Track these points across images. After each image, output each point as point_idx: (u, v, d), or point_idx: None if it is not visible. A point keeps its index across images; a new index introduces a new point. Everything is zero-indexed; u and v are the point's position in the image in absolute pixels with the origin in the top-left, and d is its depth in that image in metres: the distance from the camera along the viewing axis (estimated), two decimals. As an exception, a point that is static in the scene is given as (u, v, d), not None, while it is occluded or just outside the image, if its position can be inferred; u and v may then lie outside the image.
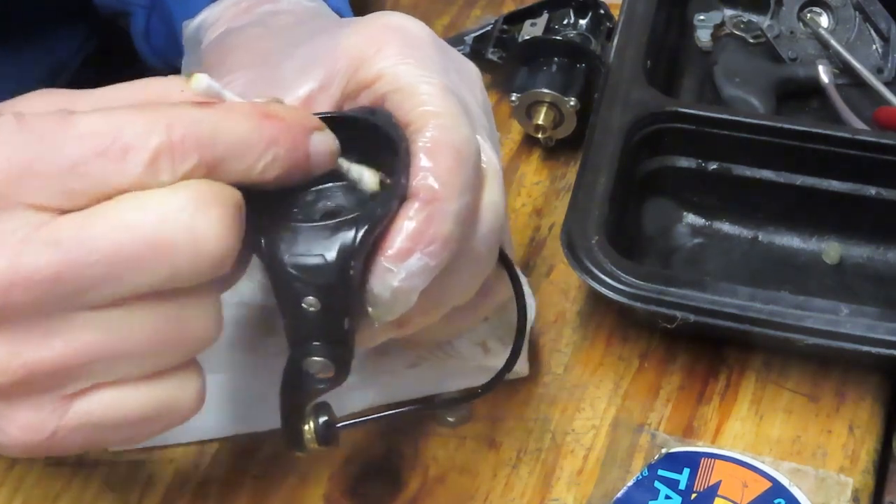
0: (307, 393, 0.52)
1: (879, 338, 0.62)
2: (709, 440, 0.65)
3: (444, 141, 0.50)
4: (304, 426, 0.53)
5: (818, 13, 0.83)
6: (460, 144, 0.50)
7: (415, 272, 0.49)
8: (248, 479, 0.64)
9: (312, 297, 0.48)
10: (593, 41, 0.79)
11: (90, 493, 0.63)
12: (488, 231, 0.53)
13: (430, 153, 0.49)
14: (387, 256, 0.49)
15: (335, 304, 0.49)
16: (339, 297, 0.48)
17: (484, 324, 0.64)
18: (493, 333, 0.64)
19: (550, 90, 0.76)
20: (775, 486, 0.61)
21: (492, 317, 0.64)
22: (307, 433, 0.53)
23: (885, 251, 0.73)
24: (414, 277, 0.49)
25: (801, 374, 0.67)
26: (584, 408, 0.66)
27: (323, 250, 0.48)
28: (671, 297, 0.64)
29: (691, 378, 0.68)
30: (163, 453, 0.64)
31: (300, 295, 0.48)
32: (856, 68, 0.81)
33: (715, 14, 0.84)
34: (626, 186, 0.71)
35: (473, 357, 0.63)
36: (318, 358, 0.50)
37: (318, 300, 0.48)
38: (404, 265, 0.49)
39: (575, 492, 0.63)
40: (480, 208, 0.52)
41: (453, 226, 0.49)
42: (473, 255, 0.52)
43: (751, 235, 0.74)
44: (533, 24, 0.80)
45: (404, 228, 0.49)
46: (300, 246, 0.48)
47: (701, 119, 0.72)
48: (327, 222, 0.48)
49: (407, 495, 0.63)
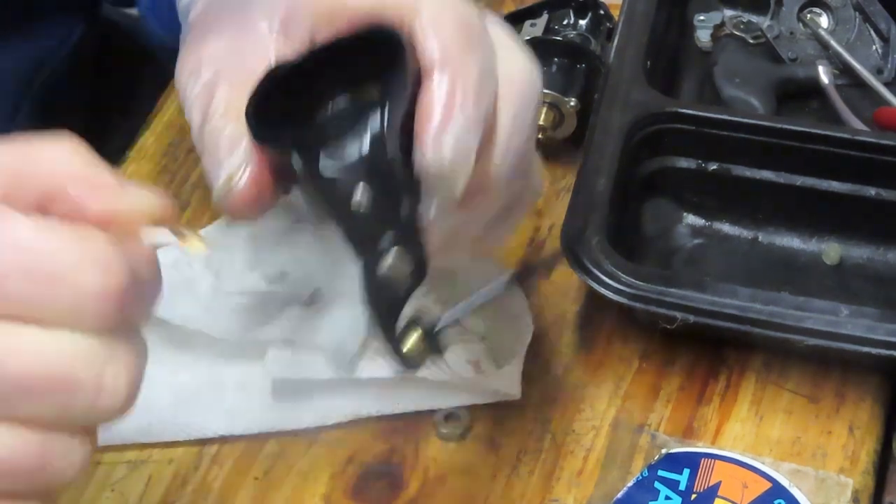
0: (395, 302, 0.51)
1: (879, 339, 0.62)
2: (709, 441, 0.65)
3: (442, 13, 0.50)
4: (408, 339, 0.52)
5: (818, 14, 0.83)
6: (459, 12, 0.50)
7: (462, 130, 0.49)
8: (249, 479, 0.64)
9: (358, 197, 0.48)
10: (593, 41, 0.79)
11: (90, 493, 0.63)
12: (517, 99, 0.52)
13: (431, 26, 0.49)
14: (430, 129, 0.48)
15: (382, 195, 0.48)
16: (384, 184, 0.48)
17: (479, 343, 0.64)
18: (489, 354, 0.64)
19: (551, 91, 0.76)
20: (775, 486, 0.61)
21: (489, 337, 0.64)
22: (412, 345, 0.52)
23: (885, 252, 0.73)
24: (464, 136, 0.49)
25: (801, 375, 0.67)
26: (584, 408, 0.66)
27: (355, 144, 0.48)
28: (671, 298, 0.64)
29: (691, 379, 0.68)
30: (163, 453, 0.64)
31: (346, 198, 0.48)
32: (856, 69, 0.81)
33: (715, 14, 0.84)
34: (627, 187, 0.71)
35: (465, 373, 0.63)
36: (388, 258, 0.49)
37: (365, 196, 0.48)
38: (450, 128, 0.48)
39: (575, 492, 0.63)
40: (501, 76, 0.52)
41: (479, 77, 0.49)
42: (509, 123, 0.52)
43: (751, 236, 0.74)
44: (533, 24, 0.80)
45: (435, 97, 0.49)
46: (332, 150, 0.48)
47: (701, 119, 0.72)
48: (349, 123, 0.48)
49: (407, 496, 0.63)
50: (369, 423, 0.66)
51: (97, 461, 0.64)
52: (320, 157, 0.48)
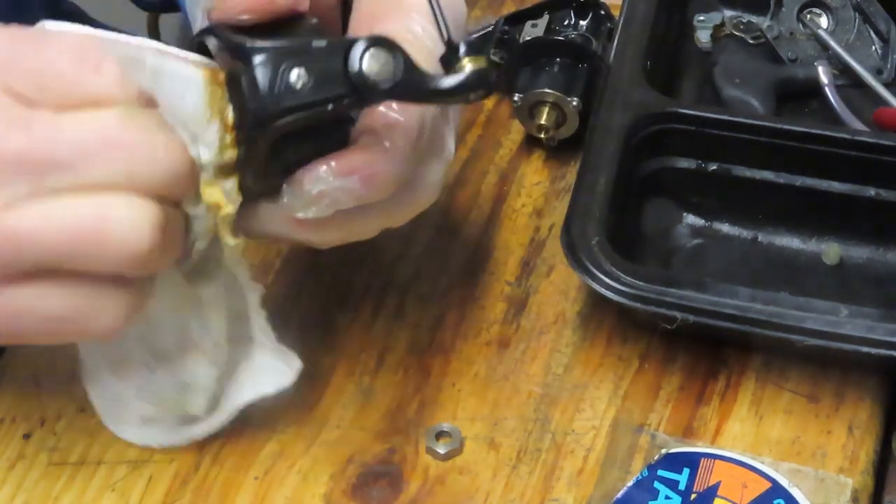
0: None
1: (879, 339, 0.63)
2: (708, 441, 0.65)
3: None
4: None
5: (818, 14, 0.83)
6: (423, 118, 0.55)
7: (345, 188, 0.53)
8: (249, 478, 0.64)
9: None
10: (594, 42, 0.79)
11: (91, 493, 0.63)
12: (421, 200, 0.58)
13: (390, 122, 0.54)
14: (330, 165, 0.53)
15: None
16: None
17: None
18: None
19: (553, 90, 0.76)
20: (775, 486, 0.61)
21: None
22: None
23: (885, 252, 0.73)
24: (343, 192, 0.53)
25: (800, 375, 0.67)
26: (584, 408, 0.66)
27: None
28: (671, 298, 0.64)
29: (691, 379, 0.68)
30: (163, 453, 0.65)
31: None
32: (855, 69, 0.81)
33: (715, 15, 0.84)
34: (626, 187, 0.71)
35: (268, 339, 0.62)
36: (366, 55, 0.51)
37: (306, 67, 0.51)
38: (341, 178, 0.53)
39: (575, 492, 0.63)
40: (422, 178, 0.57)
41: (401, 170, 0.54)
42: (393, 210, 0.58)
43: (750, 236, 0.74)
44: (534, 24, 0.80)
45: (359, 151, 0.54)
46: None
47: (701, 120, 0.72)
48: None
49: (407, 495, 0.63)
50: (369, 423, 0.66)
51: (98, 461, 0.64)
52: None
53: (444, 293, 0.72)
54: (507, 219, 0.76)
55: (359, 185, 0.53)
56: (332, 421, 0.66)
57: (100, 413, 0.64)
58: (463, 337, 0.70)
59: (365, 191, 0.54)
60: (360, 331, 0.70)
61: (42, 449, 0.65)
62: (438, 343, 0.69)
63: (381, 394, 0.67)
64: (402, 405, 0.67)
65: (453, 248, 0.74)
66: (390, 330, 0.70)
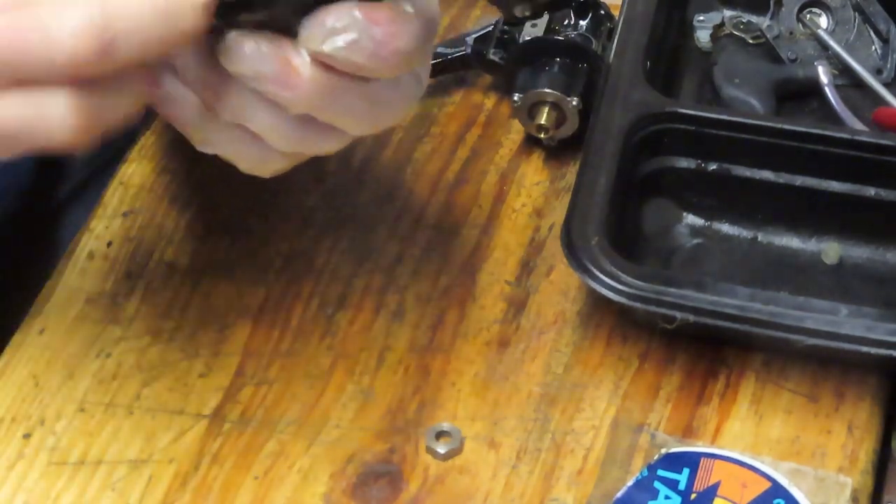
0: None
1: (879, 338, 0.63)
2: (708, 440, 0.65)
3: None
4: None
5: (817, 14, 0.83)
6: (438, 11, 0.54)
7: (366, 35, 0.51)
8: (249, 478, 0.64)
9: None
10: (594, 42, 0.79)
11: (90, 492, 0.63)
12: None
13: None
14: (356, 8, 0.50)
15: None
16: None
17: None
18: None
19: (553, 90, 0.76)
20: (774, 486, 0.61)
21: None
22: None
23: (885, 252, 0.73)
24: (362, 39, 0.51)
25: (800, 375, 0.67)
26: (584, 408, 0.66)
27: None
28: (671, 298, 0.64)
29: (691, 378, 0.68)
30: (163, 453, 0.65)
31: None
32: (855, 69, 0.81)
33: (714, 15, 0.84)
34: (626, 187, 0.71)
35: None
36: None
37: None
38: (365, 24, 0.50)
39: (575, 492, 0.63)
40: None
41: (415, 46, 0.52)
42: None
43: (750, 236, 0.74)
44: (534, 24, 0.80)
45: (385, 7, 0.51)
46: None
47: (701, 120, 0.72)
48: None
49: (407, 495, 0.63)
50: (369, 423, 0.66)
51: (98, 461, 0.64)
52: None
53: (444, 293, 0.72)
54: (506, 218, 0.76)
55: (380, 35, 0.51)
56: (332, 421, 0.66)
57: None
58: (463, 337, 0.70)
59: (382, 48, 0.51)
60: (360, 331, 0.70)
61: (42, 449, 0.65)
62: (438, 343, 0.69)
63: (380, 393, 0.67)
64: (401, 405, 0.67)
65: (453, 248, 0.74)
66: (390, 330, 0.70)
